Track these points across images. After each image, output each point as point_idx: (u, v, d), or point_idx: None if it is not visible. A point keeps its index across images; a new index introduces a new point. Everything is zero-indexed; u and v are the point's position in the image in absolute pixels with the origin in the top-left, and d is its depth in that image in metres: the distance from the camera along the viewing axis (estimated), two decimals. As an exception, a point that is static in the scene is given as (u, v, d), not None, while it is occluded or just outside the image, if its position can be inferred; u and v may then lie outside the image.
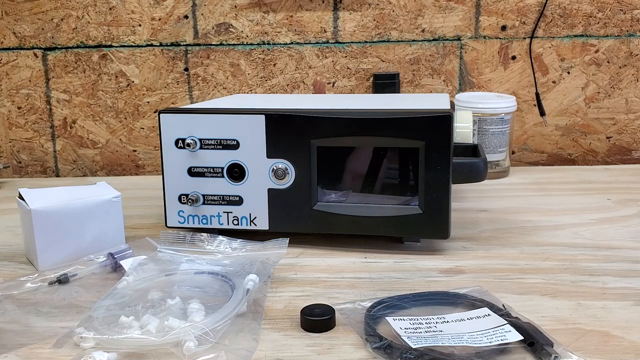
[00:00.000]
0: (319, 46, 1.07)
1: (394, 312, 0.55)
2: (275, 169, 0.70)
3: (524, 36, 1.06)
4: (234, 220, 0.72)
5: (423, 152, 0.67)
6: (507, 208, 0.85)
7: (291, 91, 1.09)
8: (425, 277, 0.64)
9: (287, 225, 0.71)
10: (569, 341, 0.50)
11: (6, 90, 1.08)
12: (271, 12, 1.05)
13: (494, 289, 0.59)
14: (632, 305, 0.57)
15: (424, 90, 1.09)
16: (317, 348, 0.51)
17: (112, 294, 0.56)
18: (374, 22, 1.06)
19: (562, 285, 0.61)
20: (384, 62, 1.07)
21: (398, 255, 0.70)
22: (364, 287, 0.62)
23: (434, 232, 0.69)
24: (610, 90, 1.08)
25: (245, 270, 0.61)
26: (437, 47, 1.07)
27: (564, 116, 1.10)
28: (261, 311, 0.56)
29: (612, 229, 0.76)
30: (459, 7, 1.05)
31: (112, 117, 1.09)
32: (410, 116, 0.67)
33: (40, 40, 1.06)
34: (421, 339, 0.49)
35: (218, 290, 0.59)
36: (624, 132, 1.10)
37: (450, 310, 0.55)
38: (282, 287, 0.62)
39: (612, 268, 0.65)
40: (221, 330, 0.51)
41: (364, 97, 0.99)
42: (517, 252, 0.70)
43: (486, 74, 1.08)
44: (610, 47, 1.06)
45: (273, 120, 0.69)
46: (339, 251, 0.71)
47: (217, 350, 0.49)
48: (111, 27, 1.06)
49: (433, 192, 0.67)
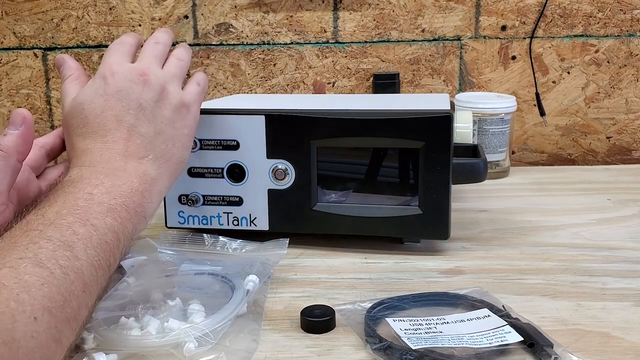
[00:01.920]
0: (319, 46, 1.07)
1: (394, 312, 0.55)
2: (275, 169, 0.70)
3: (524, 36, 1.06)
4: (234, 220, 0.72)
5: (423, 153, 0.67)
6: (507, 208, 0.85)
7: (291, 91, 1.09)
8: (425, 278, 0.64)
9: (287, 226, 0.71)
10: (569, 342, 0.51)
11: (6, 90, 1.08)
12: (271, 12, 1.05)
13: (494, 290, 0.59)
14: (632, 305, 0.57)
15: (424, 90, 1.09)
16: (317, 349, 0.51)
17: (113, 295, 0.56)
18: (374, 22, 1.06)
19: (562, 286, 0.61)
20: (384, 62, 1.07)
21: (398, 255, 0.70)
22: (364, 288, 0.62)
23: (434, 233, 0.69)
24: (610, 90, 1.08)
25: (245, 271, 0.61)
26: (437, 47, 1.07)
27: (564, 116, 1.10)
28: (261, 312, 0.56)
29: (612, 229, 0.76)
30: (459, 7, 1.05)
31: (112, 117, 1.09)
32: (410, 116, 0.67)
33: (40, 40, 1.06)
34: (421, 340, 0.49)
35: (218, 291, 0.59)
36: (624, 132, 1.10)
37: (450, 311, 0.55)
38: (282, 287, 0.62)
39: (612, 268, 0.65)
40: (221, 331, 0.51)
41: (364, 97, 0.99)
42: (517, 253, 0.70)
43: (486, 74, 1.08)
44: (610, 47, 1.06)
45: (273, 120, 0.69)
46: (339, 252, 0.71)
47: (217, 351, 0.49)
48: (111, 27, 1.06)
49: (433, 193, 0.67)
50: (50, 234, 0.43)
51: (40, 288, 0.39)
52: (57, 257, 0.42)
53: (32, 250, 0.41)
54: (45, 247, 0.42)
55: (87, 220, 0.46)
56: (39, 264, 0.40)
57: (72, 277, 0.42)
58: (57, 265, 0.41)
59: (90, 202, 0.48)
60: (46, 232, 0.43)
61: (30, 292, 0.38)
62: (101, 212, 0.48)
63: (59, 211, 0.46)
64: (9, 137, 0.51)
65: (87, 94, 0.56)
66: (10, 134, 0.52)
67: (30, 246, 0.41)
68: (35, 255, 0.41)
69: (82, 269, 0.43)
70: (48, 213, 0.45)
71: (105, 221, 0.47)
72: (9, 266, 0.39)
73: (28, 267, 0.40)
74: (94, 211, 0.47)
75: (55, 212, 0.45)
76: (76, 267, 0.43)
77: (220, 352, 0.49)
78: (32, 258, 0.40)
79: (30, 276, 0.39)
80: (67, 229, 0.44)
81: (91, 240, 0.45)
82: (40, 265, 0.40)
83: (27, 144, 0.53)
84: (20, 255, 0.40)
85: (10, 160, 0.51)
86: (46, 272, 0.40)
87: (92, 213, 0.47)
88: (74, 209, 0.46)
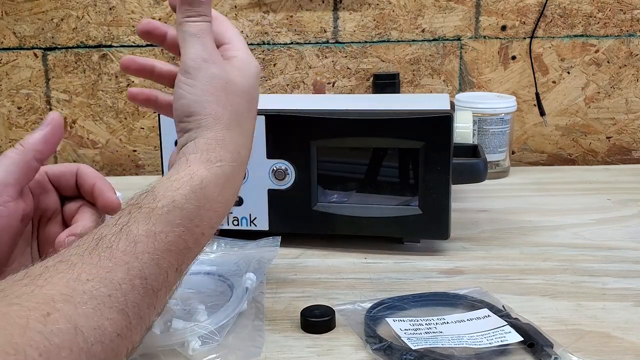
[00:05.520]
0: (319, 46, 1.07)
1: (394, 313, 0.55)
2: (275, 169, 0.70)
3: (524, 36, 1.06)
4: (234, 220, 0.72)
5: (423, 153, 0.67)
6: (507, 208, 0.85)
7: (291, 91, 1.09)
8: (425, 278, 0.64)
9: (287, 226, 0.71)
10: (569, 342, 0.51)
11: (6, 90, 1.08)
12: (271, 12, 1.05)
13: (493, 290, 0.59)
14: (632, 306, 0.57)
15: (424, 90, 1.09)
16: (317, 349, 0.51)
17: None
18: (374, 22, 1.06)
19: (562, 286, 0.61)
20: (384, 62, 1.07)
21: (398, 255, 0.70)
22: (364, 288, 0.62)
23: (434, 233, 0.69)
24: (610, 90, 1.08)
25: (242, 269, 0.61)
26: (437, 47, 1.07)
27: (564, 116, 1.10)
28: (262, 308, 0.56)
29: (612, 229, 0.76)
30: (459, 7, 1.05)
31: (112, 117, 1.09)
32: (410, 117, 0.67)
33: (40, 40, 1.06)
34: (421, 340, 0.49)
35: (215, 290, 0.59)
36: (624, 132, 1.10)
37: (450, 311, 0.55)
38: (282, 288, 0.62)
39: (612, 269, 0.65)
40: (226, 328, 0.51)
41: (364, 97, 0.99)
42: (517, 253, 0.70)
43: (486, 74, 1.08)
44: (610, 47, 1.06)
45: (273, 120, 0.69)
46: (338, 252, 0.71)
47: (223, 349, 0.49)
48: (111, 27, 1.06)
49: (433, 193, 0.67)
50: (147, 275, 0.39)
51: (113, 340, 0.36)
52: (141, 305, 0.39)
53: (124, 291, 0.38)
54: (137, 292, 0.38)
55: (180, 266, 0.43)
56: (124, 310, 0.37)
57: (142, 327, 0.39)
58: (137, 315, 0.38)
59: (197, 246, 0.45)
60: (145, 270, 0.39)
61: (104, 343, 0.35)
62: (193, 257, 0.45)
63: (169, 248, 0.41)
64: (32, 135, 0.51)
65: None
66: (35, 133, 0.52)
67: (124, 286, 0.38)
68: (125, 298, 0.38)
69: (151, 316, 0.40)
70: (162, 243, 0.41)
71: (188, 265, 0.45)
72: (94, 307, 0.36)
73: (113, 312, 0.36)
74: (190, 258, 0.44)
75: (167, 246, 0.41)
76: (149, 315, 0.40)
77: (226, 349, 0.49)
78: (121, 302, 0.37)
79: (110, 323, 0.36)
80: (163, 274, 0.41)
81: (172, 288, 0.42)
82: (124, 312, 0.37)
83: (48, 145, 0.52)
84: (110, 292, 0.37)
85: (25, 156, 0.50)
86: (125, 321, 0.37)
87: (187, 259, 0.44)
88: (182, 250, 0.43)
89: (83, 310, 0.35)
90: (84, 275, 0.37)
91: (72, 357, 0.33)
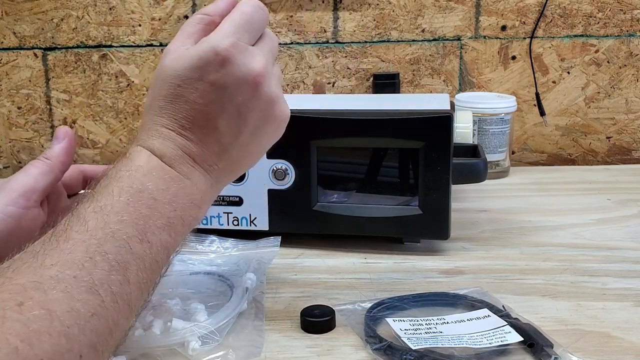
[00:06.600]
0: (319, 46, 1.07)
1: (394, 313, 0.55)
2: (275, 169, 0.70)
3: (524, 36, 1.06)
4: (234, 220, 0.72)
5: (423, 153, 0.67)
6: (507, 208, 0.85)
7: (291, 91, 1.09)
8: (425, 278, 0.64)
9: (287, 226, 0.71)
10: (569, 342, 0.51)
11: (6, 90, 1.08)
12: (271, 12, 1.05)
13: (493, 290, 0.60)
14: (632, 306, 0.57)
15: (424, 90, 1.09)
16: (317, 349, 0.51)
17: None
18: (374, 22, 1.06)
19: (562, 286, 0.61)
20: (384, 62, 1.07)
21: (398, 255, 0.70)
22: (363, 288, 0.62)
23: (434, 233, 0.69)
24: (610, 90, 1.08)
25: (242, 269, 0.61)
26: (437, 47, 1.07)
27: (564, 116, 1.10)
28: (262, 308, 0.56)
29: (612, 229, 0.76)
30: (459, 7, 1.05)
31: (112, 117, 1.09)
32: (410, 117, 0.67)
33: (40, 40, 1.06)
34: (421, 340, 0.49)
35: (216, 290, 0.59)
36: (624, 132, 1.10)
37: (450, 311, 0.55)
38: (282, 288, 0.62)
39: (612, 269, 0.65)
40: (225, 328, 0.51)
41: (364, 97, 0.99)
42: (517, 253, 0.70)
43: (486, 74, 1.08)
44: (610, 47, 1.06)
45: (273, 120, 0.69)
46: (338, 252, 0.71)
47: (223, 349, 0.49)
48: (111, 27, 1.06)
49: (433, 193, 0.67)
50: (107, 249, 0.40)
51: (89, 320, 0.37)
52: (111, 282, 0.39)
53: (88, 269, 0.38)
54: (101, 268, 0.39)
55: (144, 235, 0.42)
56: (92, 288, 0.38)
57: (120, 305, 0.39)
58: (109, 291, 0.39)
59: (153, 211, 0.44)
60: (104, 246, 0.40)
61: (80, 324, 0.36)
62: (160, 226, 0.44)
63: (121, 217, 0.42)
64: (54, 148, 0.56)
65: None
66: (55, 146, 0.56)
67: (87, 264, 0.38)
68: (91, 276, 0.38)
69: (130, 295, 0.40)
70: (110, 214, 0.42)
71: (160, 237, 0.44)
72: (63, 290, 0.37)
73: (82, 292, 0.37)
74: (154, 225, 0.44)
75: (117, 216, 0.42)
76: (126, 293, 0.40)
77: (226, 349, 0.49)
78: (87, 281, 0.38)
79: (82, 304, 0.37)
80: (124, 245, 0.41)
81: (144, 261, 0.42)
82: (93, 291, 0.38)
83: (68, 156, 0.56)
84: (75, 273, 0.38)
85: (53, 167, 0.54)
86: (97, 300, 0.38)
87: (151, 227, 0.43)
88: (136, 219, 0.43)
89: (53, 295, 0.36)
90: (47, 261, 0.38)
91: (52, 340, 0.34)
